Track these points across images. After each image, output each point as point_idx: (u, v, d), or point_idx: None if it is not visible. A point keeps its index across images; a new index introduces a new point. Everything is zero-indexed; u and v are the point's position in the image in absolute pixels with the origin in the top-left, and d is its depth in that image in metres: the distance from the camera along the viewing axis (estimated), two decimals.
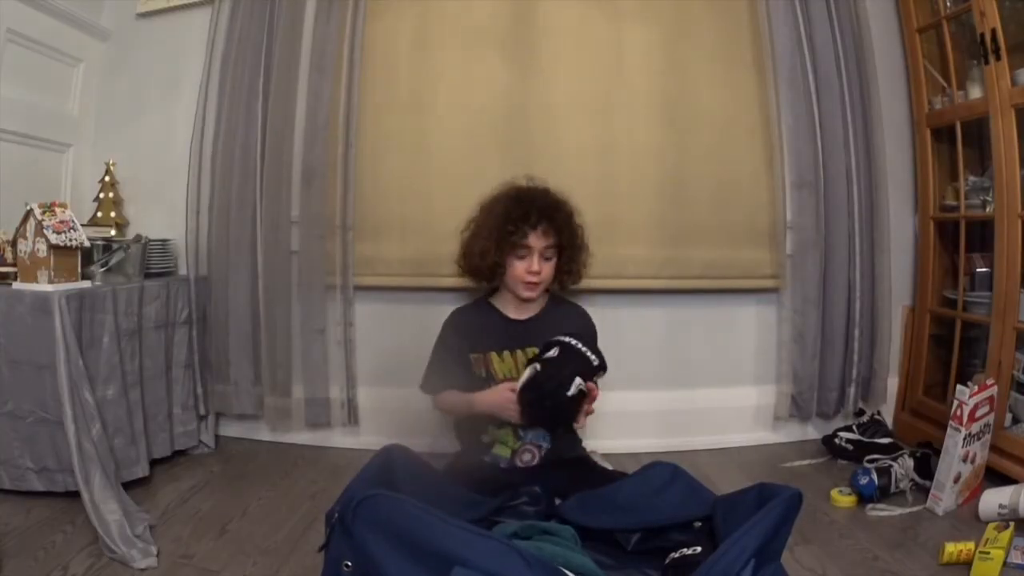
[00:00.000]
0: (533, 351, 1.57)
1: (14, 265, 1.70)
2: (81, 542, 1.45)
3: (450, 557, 0.89)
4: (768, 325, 2.24)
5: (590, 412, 1.50)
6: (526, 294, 1.64)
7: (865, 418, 2.12)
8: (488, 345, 1.62)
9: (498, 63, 2.13)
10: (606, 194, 2.10)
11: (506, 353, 1.62)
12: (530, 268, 1.60)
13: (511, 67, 2.12)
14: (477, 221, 1.70)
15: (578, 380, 1.40)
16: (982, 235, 2.07)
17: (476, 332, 1.66)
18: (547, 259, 1.63)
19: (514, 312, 1.69)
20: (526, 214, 1.59)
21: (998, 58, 1.81)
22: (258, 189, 2.07)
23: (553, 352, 1.44)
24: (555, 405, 1.43)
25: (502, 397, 1.50)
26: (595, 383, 1.46)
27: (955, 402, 1.66)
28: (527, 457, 1.56)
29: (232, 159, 2.08)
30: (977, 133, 2.05)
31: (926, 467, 1.79)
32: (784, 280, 2.18)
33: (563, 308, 1.75)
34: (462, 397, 1.60)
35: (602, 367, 1.46)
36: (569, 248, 1.67)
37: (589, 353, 1.44)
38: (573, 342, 1.45)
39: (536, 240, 1.60)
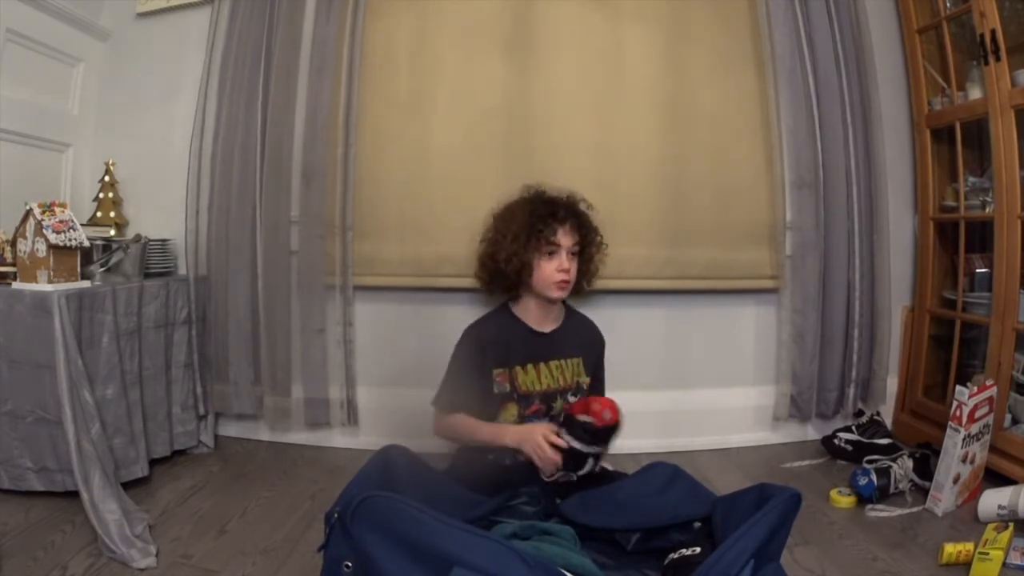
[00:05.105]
0: (556, 364, 1.62)
1: (14, 265, 1.70)
2: (80, 542, 1.45)
3: (449, 558, 0.89)
4: (768, 325, 2.24)
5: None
6: (557, 294, 1.61)
7: (864, 419, 2.12)
8: (514, 360, 1.59)
9: (498, 63, 2.13)
10: (606, 194, 2.09)
11: (530, 366, 1.60)
12: (560, 266, 1.59)
13: (511, 67, 2.12)
14: (497, 228, 1.67)
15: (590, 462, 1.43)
16: (982, 236, 2.07)
17: (501, 347, 1.61)
18: (573, 255, 1.63)
19: (536, 323, 1.65)
20: (554, 211, 1.60)
21: (998, 59, 1.81)
22: (258, 189, 2.07)
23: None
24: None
25: (536, 439, 1.43)
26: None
27: (954, 403, 1.66)
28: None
29: (232, 159, 2.07)
30: (977, 134, 2.05)
31: (925, 468, 1.79)
32: (784, 280, 2.18)
33: (577, 320, 1.75)
34: (481, 425, 1.56)
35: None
36: (589, 247, 1.67)
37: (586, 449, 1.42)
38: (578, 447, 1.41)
39: (564, 237, 1.60)
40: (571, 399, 1.63)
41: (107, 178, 2.12)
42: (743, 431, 2.24)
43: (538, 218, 1.59)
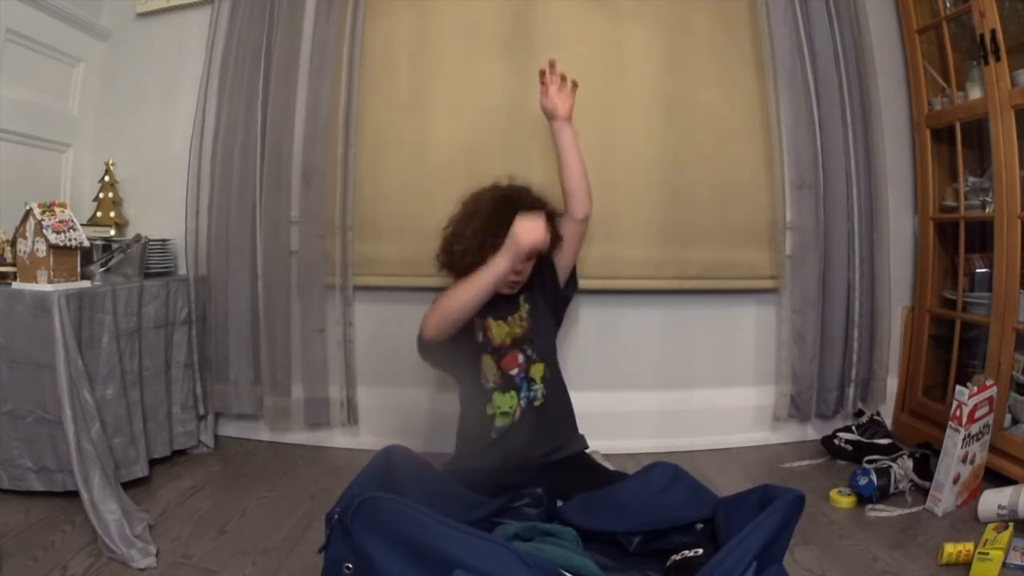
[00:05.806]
0: (521, 316, 1.68)
1: (14, 265, 1.70)
2: (80, 542, 1.45)
3: (450, 560, 0.89)
4: (767, 325, 2.24)
5: None
6: (507, 292, 1.66)
7: (864, 419, 2.12)
8: (487, 312, 1.63)
9: (498, 63, 2.13)
10: (606, 194, 2.09)
11: (500, 321, 1.66)
12: (513, 268, 1.58)
13: (511, 67, 2.12)
14: (459, 220, 1.69)
15: None
16: (982, 236, 2.08)
17: None
18: (528, 258, 1.63)
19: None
20: (510, 219, 1.55)
21: (998, 59, 1.81)
22: (258, 189, 2.07)
23: None
24: None
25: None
26: None
27: (954, 403, 1.67)
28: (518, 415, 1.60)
29: (232, 159, 2.07)
30: (977, 134, 2.05)
31: (925, 468, 1.80)
32: (783, 280, 2.18)
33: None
34: (474, 276, 1.54)
35: None
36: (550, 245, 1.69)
37: None
38: None
39: None
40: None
41: (107, 178, 2.12)
42: (743, 431, 2.24)
43: (497, 223, 1.58)
